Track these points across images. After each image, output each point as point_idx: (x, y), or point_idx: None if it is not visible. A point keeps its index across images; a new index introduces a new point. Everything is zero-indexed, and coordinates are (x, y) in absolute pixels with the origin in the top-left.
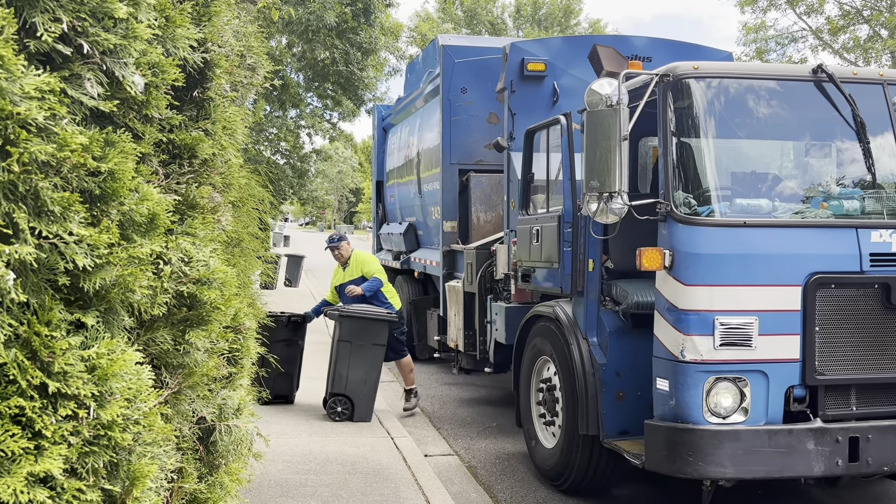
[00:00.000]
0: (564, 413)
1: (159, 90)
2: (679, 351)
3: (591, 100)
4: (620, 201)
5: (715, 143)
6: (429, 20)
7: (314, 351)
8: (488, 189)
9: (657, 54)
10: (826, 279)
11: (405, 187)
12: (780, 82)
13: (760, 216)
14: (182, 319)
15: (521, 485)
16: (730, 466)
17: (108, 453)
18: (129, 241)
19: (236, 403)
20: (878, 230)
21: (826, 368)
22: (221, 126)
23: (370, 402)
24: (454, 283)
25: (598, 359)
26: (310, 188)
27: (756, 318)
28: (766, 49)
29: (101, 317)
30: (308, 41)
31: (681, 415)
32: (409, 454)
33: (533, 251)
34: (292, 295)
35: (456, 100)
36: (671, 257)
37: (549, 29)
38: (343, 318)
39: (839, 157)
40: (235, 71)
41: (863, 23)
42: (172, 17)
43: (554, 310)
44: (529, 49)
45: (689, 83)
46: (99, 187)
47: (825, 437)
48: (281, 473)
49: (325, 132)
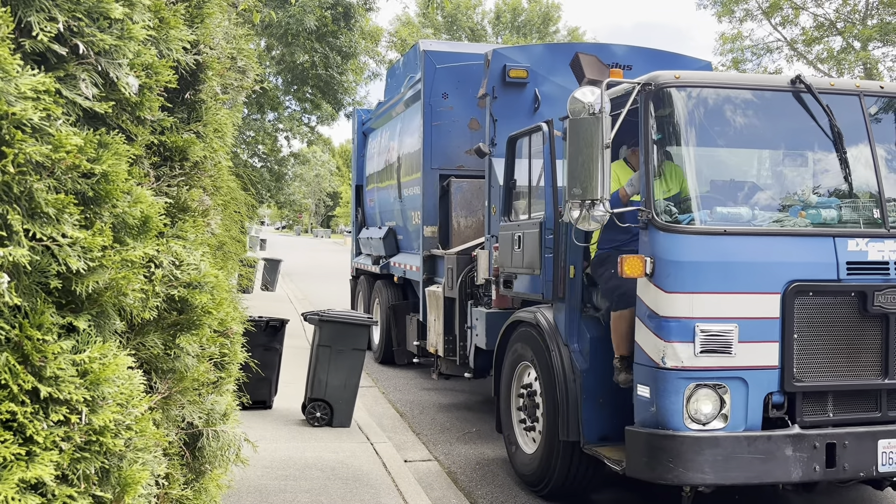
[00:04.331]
0: (545, 419)
1: (153, 92)
2: (660, 358)
3: (574, 108)
4: (602, 208)
5: (696, 151)
6: (409, 25)
7: (293, 355)
8: (469, 194)
9: (637, 62)
10: (804, 287)
11: (385, 192)
12: (760, 92)
13: (740, 224)
14: (172, 324)
15: (501, 490)
16: (710, 472)
17: (100, 459)
18: (121, 243)
19: (223, 408)
20: (854, 239)
21: (804, 375)
22: (213, 129)
23: (350, 408)
24: (434, 288)
25: (579, 365)
26: (287, 192)
27: (736, 326)
28: (743, 59)
29: (93, 320)
30: (287, 44)
31: (662, 421)
32: (389, 460)
33: (515, 257)
34: (270, 299)
35: (437, 105)
36: (652, 265)
37: (527, 36)
38: (323, 323)
39: (817, 167)
40: (226, 73)
41: (836, 34)
42: (166, 17)
43: (535, 316)
44: (511, 56)
45: (670, 92)
46: (92, 189)
47: (803, 443)
48: (260, 479)
49: (303, 136)
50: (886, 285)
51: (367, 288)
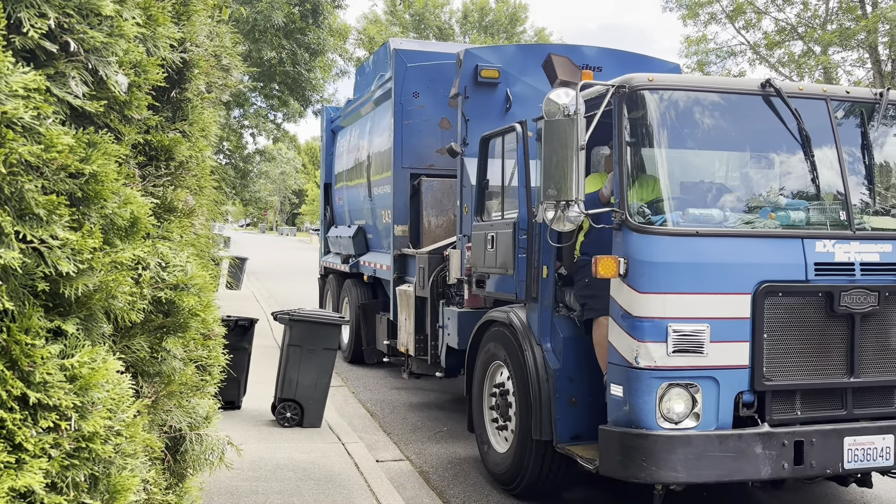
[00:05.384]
0: (517, 418)
1: (141, 90)
2: (633, 357)
3: (548, 109)
4: (577, 209)
5: (668, 153)
6: (377, 23)
7: (261, 355)
8: (440, 193)
9: (607, 64)
10: (774, 288)
11: (355, 190)
12: (731, 95)
13: (712, 226)
14: (159, 326)
15: (473, 489)
16: (682, 471)
17: (89, 466)
18: (110, 245)
19: (206, 412)
20: (822, 240)
21: (773, 374)
22: (198, 128)
23: (320, 408)
24: (405, 288)
25: (552, 364)
26: (252, 189)
27: (708, 326)
28: (707, 62)
29: (82, 324)
30: (255, 41)
31: (635, 420)
32: (361, 460)
33: (488, 257)
34: (236, 298)
35: (408, 104)
36: (626, 265)
37: (495, 36)
38: (293, 322)
39: (785, 169)
40: (211, 72)
41: (797, 39)
42: (155, 14)
43: (508, 315)
44: (483, 56)
45: (644, 94)
46: (81, 190)
47: (772, 441)
48: (230, 481)
49: (269, 133)
50: (852, 286)
51: (336, 287)
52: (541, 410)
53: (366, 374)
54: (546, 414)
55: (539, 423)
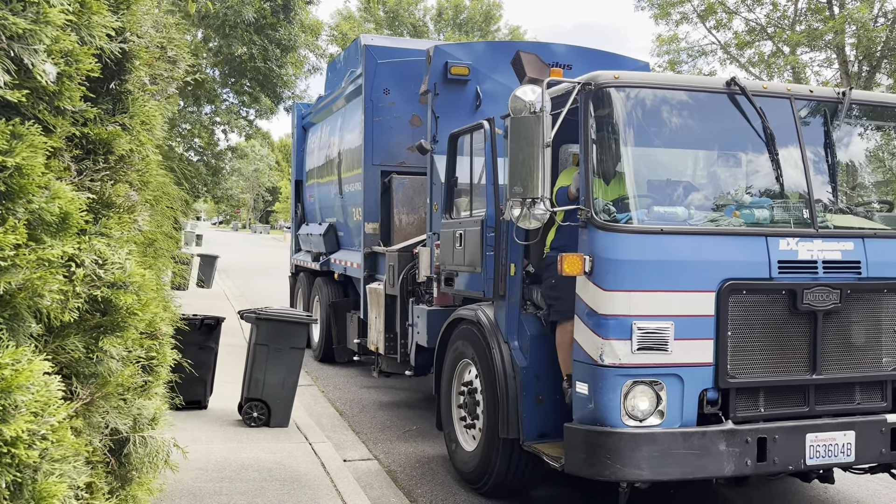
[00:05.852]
0: (485, 416)
1: (73, 80)
2: (598, 355)
3: (515, 106)
4: (543, 207)
5: (634, 151)
6: (350, 19)
7: (229, 354)
8: (410, 191)
9: (577, 62)
10: (738, 285)
11: (326, 187)
12: (696, 93)
13: (677, 224)
14: (95, 325)
15: (441, 488)
16: (646, 468)
17: (12, 472)
18: (38, 241)
19: (152, 413)
20: (785, 238)
21: (737, 372)
22: (140, 121)
23: (288, 407)
24: (375, 286)
25: (519, 362)
26: (224, 186)
27: (672, 323)
28: (679, 61)
29: (5, 323)
30: (225, 36)
31: (599, 418)
32: (328, 459)
33: (456, 255)
34: (205, 296)
35: (378, 101)
36: (591, 263)
37: (469, 33)
38: (260, 321)
39: (750, 167)
40: (156, 63)
41: (767, 39)
42: (88, 2)
43: (476, 313)
44: (453, 53)
45: (609, 92)
46: (4, 183)
47: (736, 438)
48: (194, 482)
49: (241, 129)
50: (815, 283)
51: (306, 285)
52: (508, 408)
53: (336, 372)
54: (513, 412)
55: (506, 420)
